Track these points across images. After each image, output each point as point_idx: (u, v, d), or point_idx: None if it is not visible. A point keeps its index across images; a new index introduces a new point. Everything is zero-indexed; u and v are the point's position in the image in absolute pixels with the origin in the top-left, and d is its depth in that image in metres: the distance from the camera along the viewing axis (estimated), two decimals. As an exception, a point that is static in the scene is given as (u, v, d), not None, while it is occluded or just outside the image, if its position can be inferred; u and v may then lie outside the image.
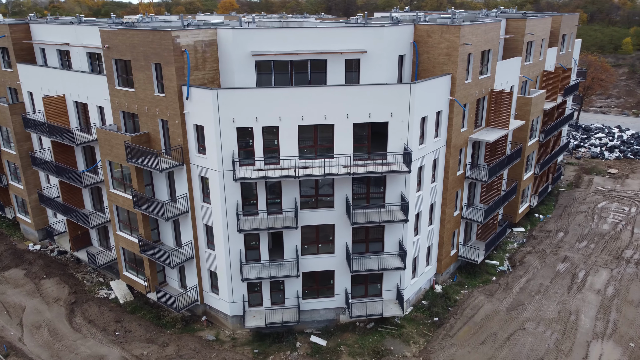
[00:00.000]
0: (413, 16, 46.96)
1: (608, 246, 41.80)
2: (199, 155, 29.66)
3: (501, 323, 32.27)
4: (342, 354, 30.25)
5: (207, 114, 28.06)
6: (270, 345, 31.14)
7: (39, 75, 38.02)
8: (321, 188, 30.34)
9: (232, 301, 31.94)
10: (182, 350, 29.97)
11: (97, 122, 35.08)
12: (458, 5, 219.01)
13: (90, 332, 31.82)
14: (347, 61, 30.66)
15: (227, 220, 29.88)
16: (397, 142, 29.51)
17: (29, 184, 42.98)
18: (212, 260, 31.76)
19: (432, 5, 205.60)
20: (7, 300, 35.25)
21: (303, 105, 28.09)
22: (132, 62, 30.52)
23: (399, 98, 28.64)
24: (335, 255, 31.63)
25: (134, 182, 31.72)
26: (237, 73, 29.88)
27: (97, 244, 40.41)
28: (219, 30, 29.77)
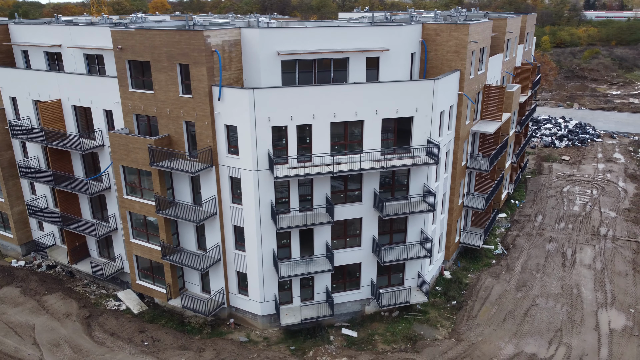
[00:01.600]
0: (381, 16, 48.96)
1: (584, 225, 45.74)
2: (230, 156, 29.43)
3: (514, 301, 34.62)
4: (376, 342, 31.21)
5: (242, 114, 27.95)
6: (304, 341, 31.48)
7: (27, 80, 35.72)
8: (350, 183, 31.10)
9: (264, 301, 31.93)
10: (221, 354, 29.62)
11: (102, 126, 33.63)
12: (388, 6, 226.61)
13: (116, 345, 30.58)
14: (367, 59, 31.61)
15: (261, 220, 29.89)
16: (421, 135, 30.86)
17: (11, 196, 40.23)
18: (241, 262, 31.56)
19: (365, 5, 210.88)
20: (11, 320, 32.97)
21: (335, 102, 28.72)
22: (151, 63, 29.67)
23: (424, 93, 30.00)
24: (363, 248, 32.51)
25: (155, 186, 30.85)
26: (263, 72, 29.93)
27: (96, 255, 38.62)
28: (244, 30, 29.68)
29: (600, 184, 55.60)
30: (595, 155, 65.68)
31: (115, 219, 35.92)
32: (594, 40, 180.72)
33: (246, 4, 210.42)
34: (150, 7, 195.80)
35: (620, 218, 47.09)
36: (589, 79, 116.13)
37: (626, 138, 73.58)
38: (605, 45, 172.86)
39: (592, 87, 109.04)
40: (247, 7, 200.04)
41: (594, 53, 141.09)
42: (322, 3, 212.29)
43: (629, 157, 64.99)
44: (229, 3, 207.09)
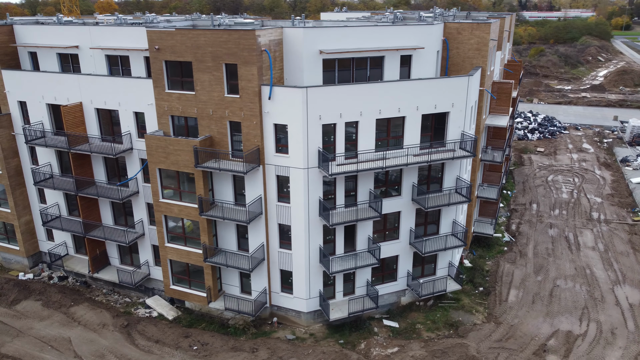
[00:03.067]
0: (367, 16, 50.46)
1: (576, 211, 48.93)
2: (278, 155, 29.55)
3: (536, 284, 36.73)
4: (420, 331, 32.28)
5: (294, 112, 28.18)
6: (349, 334, 32.06)
7: (41, 82, 34.16)
8: (390, 178, 31.97)
9: (309, 297, 32.23)
10: (276, 352, 29.69)
11: (132, 129, 32.74)
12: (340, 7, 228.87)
13: (164, 351, 29.95)
14: (401, 57, 32.60)
15: (309, 217, 30.20)
16: (455, 130, 32.18)
17: (18, 206, 38.26)
18: (286, 260, 31.70)
19: (316, 6, 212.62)
20: (42, 335, 31.49)
21: (381, 99, 29.50)
22: (193, 63, 29.31)
23: (459, 89, 31.33)
24: (400, 240, 33.47)
25: (198, 188, 30.46)
26: (305, 71, 30.24)
27: (117, 263, 37.43)
28: (286, 29, 29.89)
29: (580, 172, 59.47)
30: (567, 146, 70.01)
31: (143, 225, 35.00)
32: (534, 39, 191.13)
33: (196, 4, 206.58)
34: (96, 7, 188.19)
35: (607, 203, 50.69)
36: (540, 75, 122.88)
37: (589, 129, 78.80)
38: (545, 43, 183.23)
39: (545, 83, 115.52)
40: (198, 8, 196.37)
41: (540, 51, 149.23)
42: (274, 4, 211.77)
43: (597, 147, 69.74)
44: (179, 4, 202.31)
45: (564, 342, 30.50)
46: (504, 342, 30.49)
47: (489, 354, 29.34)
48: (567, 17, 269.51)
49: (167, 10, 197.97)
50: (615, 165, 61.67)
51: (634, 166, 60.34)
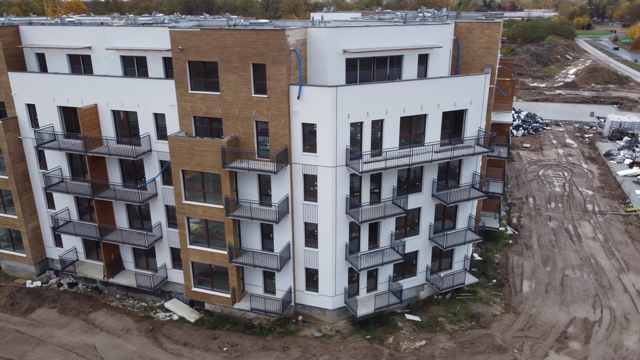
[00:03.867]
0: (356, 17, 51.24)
1: (571, 204, 50.75)
2: (305, 154, 29.75)
3: (547, 275, 38.02)
4: (443, 323, 33.01)
5: (323, 111, 28.45)
6: (375, 329, 32.52)
7: (52, 84, 33.37)
8: (412, 174, 32.57)
9: (334, 294, 32.53)
10: (307, 350, 29.88)
11: (151, 131, 32.34)
12: (312, 7, 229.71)
13: (194, 354, 29.73)
14: (419, 56, 33.23)
15: (337, 215, 30.50)
16: (473, 126, 33.04)
17: (25, 211, 37.23)
18: (312, 258, 31.92)
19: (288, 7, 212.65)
20: (65, 342, 30.79)
21: (405, 97, 30.08)
22: (219, 63, 29.22)
23: (477, 86, 32.19)
24: (420, 236, 34.13)
25: (225, 189, 30.38)
26: (329, 71, 30.52)
27: (132, 267, 36.85)
28: (310, 29, 30.09)
29: (568, 167, 61.62)
30: (551, 142, 72.36)
31: (161, 227, 34.60)
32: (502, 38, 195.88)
33: (167, 4, 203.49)
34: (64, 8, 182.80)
35: (598, 195, 52.75)
36: (515, 73, 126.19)
37: (569, 125, 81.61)
38: (513, 42, 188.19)
39: (521, 80, 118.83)
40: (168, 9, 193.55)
41: (512, 50, 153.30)
42: (246, 4, 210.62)
43: (579, 142, 72.34)
44: (151, 4, 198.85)
45: (582, 328, 31.74)
46: (527, 331, 31.51)
47: (515, 343, 30.28)
48: (530, 17, 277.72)
49: (137, 10, 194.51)
50: (600, 159, 64.14)
51: (618, 160, 62.89)
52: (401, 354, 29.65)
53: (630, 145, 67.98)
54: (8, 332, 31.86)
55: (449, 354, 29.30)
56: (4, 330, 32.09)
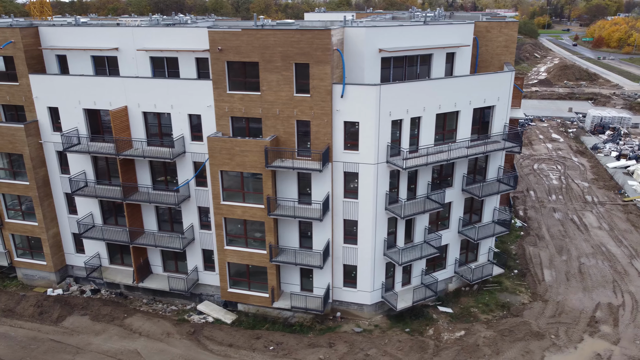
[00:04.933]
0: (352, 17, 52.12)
1: (571, 196, 52.87)
2: (347, 152, 30.17)
3: (564, 263, 39.61)
4: (476, 314, 34.01)
5: (366, 109, 28.94)
6: (411, 322, 33.21)
7: (78, 87, 32.65)
8: (444, 170, 33.44)
9: (373, 290, 33.04)
10: (354, 345, 30.29)
11: (186, 132, 32.08)
12: (283, 8, 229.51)
13: (241, 354, 29.69)
14: (447, 54, 34.12)
15: (377, 211, 31.03)
16: (499, 122, 34.21)
17: (46, 218, 36.24)
18: (351, 255, 32.35)
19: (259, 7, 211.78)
20: (105, 349, 30.20)
21: (441, 95, 30.91)
22: (260, 63, 29.31)
23: (504, 84, 33.36)
24: (450, 230, 35.06)
25: (267, 188, 30.48)
26: (366, 69, 31.03)
27: (161, 271, 36.41)
28: (348, 29, 30.51)
29: (560, 160, 64.07)
30: (538, 137, 74.95)
31: (193, 230, 34.33)
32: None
33: (135, 4, 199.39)
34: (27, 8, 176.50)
35: (594, 187, 55.13)
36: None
37: (552, 121, 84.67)
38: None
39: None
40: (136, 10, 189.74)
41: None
42: (218, 4, 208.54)
43: (565, 137, 75.22)
44: (119, 5, 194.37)
45: (609, 313, 33.31)
46: (558, 317, 32.84)
47: (550, 329, 31.54)
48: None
49: (105, 11, 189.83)
50: (588, 153, 66.94)
51: (605, 152, 65.78)
52: (444, 344, 30.44)
53: (613, 138, 71.17)
54: (42, 341, 31.01)
55: (491, 342, 30.28)
56: (37, 340, 31.21)
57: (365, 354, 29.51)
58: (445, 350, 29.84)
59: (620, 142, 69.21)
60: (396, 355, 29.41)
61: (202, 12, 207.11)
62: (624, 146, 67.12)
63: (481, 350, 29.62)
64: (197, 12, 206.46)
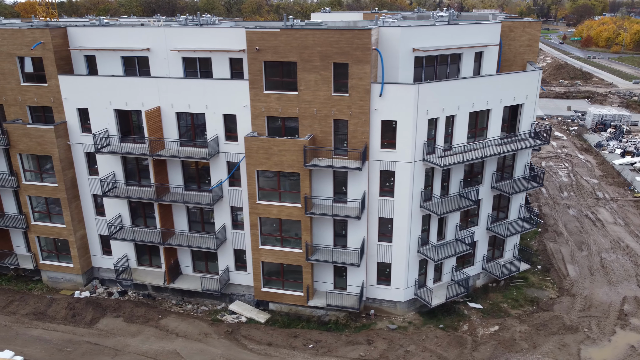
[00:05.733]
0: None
1: (582, 192, 53.77)
2: (383, 150, 30.47)
3: (586, 259, 40.33)
4: (507, 309, 34.51)
5: (405, 108, 29.27)
6: (444, 318, 33.60)
7: (108, 88, 32.54)
8: (474, 168, 33.90)
9: (407, 287, 33.38)
10: (392, 341, 30.58)
11: (220, 133, 32.12)
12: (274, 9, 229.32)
13: (281, 353, 29.80)
14: (475, 54, 34.59)
15: (412, 209, 31.38)
16: (527, 120, 34.77)
17: (74, 220, 35.99)
18: (385, 252, 32.65)
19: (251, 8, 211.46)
20: (144, 350, 30.12)
21: (474, 93, 31.35)
22: (299, 63, 29.48)
23: (533, 82, 33.92)
24: (479, 226, 35.53)
25: (304, 187, 30.67)
26: (401, 68, 31.34)
27: (190, 272, 36.36)
28: (382, 29, 30.79)
29: (566, 158, 65.08)
30: (542, 135, 75.87)
31: (225, 230, 34.36)
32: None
33: (125, 5, 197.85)
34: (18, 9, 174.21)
35: (604, 183, 56.13)
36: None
37: (553, 119, 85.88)
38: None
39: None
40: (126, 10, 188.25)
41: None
42: (209, 5, 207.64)
43: (568, 135, 76.37)
44: (111, 5, 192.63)
45: (636, 306, 34.03)
46: (588, 311, 33.47)
47: (582, 323, 32.15)
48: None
49: (96, 12, 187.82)
50: (593, 150, 68.08)
51: (609, 150, 66.96)
52: (481, 339, 30.88)
53: (616, 136, 72.46)
54: (79, 344, 30.82)
55: (527, 336, 30.78)
56: (73, 342, 31.02)
57: (405, 350, 29.83)
58: (483, 345, 30.27)
59: (623, 140, 70.48)
60: (435, 350, 29.76)
61: (194, 12, 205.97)
62: (627, 143, 68.38)
63: (518, 345, 30.10)
64: (189, 12, 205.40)
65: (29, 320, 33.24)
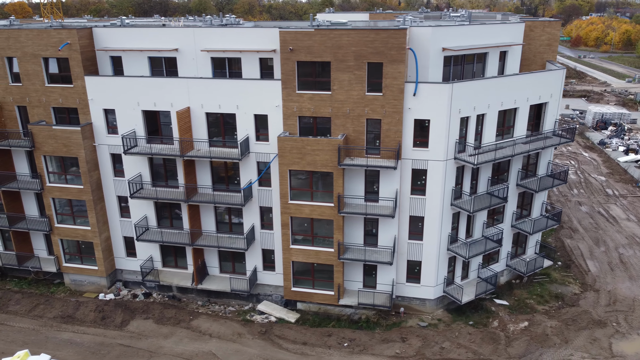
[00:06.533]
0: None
1: (592, 190, 54.58)
2: (416, 149, 30.70)
3: (604, 254, 40.97)
4: (533, 305, 34.95)
5: (438, 107, 29.53)
6: (472, 315, 33.94)
7: (136, 88, 32.37)
8: (501, 167, 34.29)
9: (436, 284, 33.65)
10: (427, 338, 30.82)
11: (251, 133, 32.10)
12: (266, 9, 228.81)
13: (319, 352, 29.90)
14: (500, 53, 34.98)
15: (444, 207, 31.65)
16: (551, 119, 35.26)
17: (99, 222, 35.70)
18: (415, 250, 32.89)
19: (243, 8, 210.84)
20: (179, 352, 29.99)
21: (504, 92, 31.75)
22: (332, 63, 29.59)
23: (557, 80, 34.42)
24: (504, 224, 35.93)
25: (337, 186, 30.79)
26: (431, 68, 31.59)
27: (217, 272, 36.28)
28: (413, 28, 31.01)
29: (571, 156, 65.97)
30: (544, 133, 76.82)
31: (253, 230, 34.34)
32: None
33: (116, 5, 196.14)
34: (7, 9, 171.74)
35: (611, 180, 57.03)
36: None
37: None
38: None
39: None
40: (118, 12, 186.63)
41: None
42: (201, 6, 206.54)
43: (570, 133, 77.29)
44: (102, 6, 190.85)
45: (659, 300, 34.74)
46: (614, 306, 34.03)
47: (610, 317, 32.68)
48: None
49: (86, 12, 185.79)
50: (597, 148, 69.11)
51: (613, 147, 68.01)
52: (513, 335, 31.25)
53: (617, 134, 73.60)
54: (112, 346, 30.61)
55: (558, 331, 31.22)
56: (105, 345, 30.79)
57: (440, 347, 30.09)
58: (516, 340, 30.65)
59: (625, 137, 71.61)
60: (470, 347, 30.07)
61: (186, 13, 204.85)
62: (630, 141, 69.50)
63: (551, 340, 30.52)
64: (181, 13, 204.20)
65: (57, 324, 32.93)
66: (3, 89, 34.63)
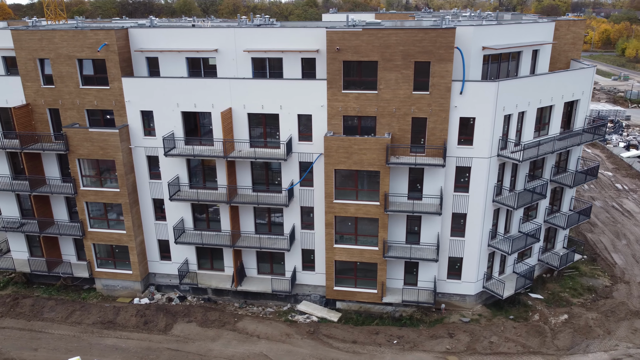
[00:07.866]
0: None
1: (602, 185, 55.89)
2: (460, 147, 31.09)
3: (627, 247, 42.03)
4: (568, 298, 35.68)
5: (484, 105, 29.98)
6: (511, 309, 34.48)
7: (176, 90, 32.07)
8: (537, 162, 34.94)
9: (477, 280, 34.09)
10: (475, 334, 31.21)
11: (294, 132, 32.08)
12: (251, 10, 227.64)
13: (370, 349, 30.02)
14: (532, 52, 35.63)
15: (486, 203, 32.11)
16: (582, 116, 36.09)
17: (134, 225, 35.21)
18: (457, 247, 33.29)
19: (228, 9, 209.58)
20: (230, 354, 29.78)
21: (542, 90, 32.38)
22: (379, 62, 29.78)
23: (588, 78, 35.24)
24: (538, 219, 36.60)
25: (384, 185, 31.02)
26: (471, 67, 32.01)
27: (255, 274, 36.11)
28: (457, 27, 31.39)
29: (575, 152, 67.32)
30: (545, 131, 78.33)
31: (294, 230, 34.29)
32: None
33: (100, 7, 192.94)
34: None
35: (618, 175, 58.50)
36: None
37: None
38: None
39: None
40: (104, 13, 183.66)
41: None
42: (186, 6, 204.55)
43: (569, 130, 78.98)
44: (85, 7, 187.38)
45: (688, 290, 35.84)
46: (646, 297, 35.03)
47: (645, 308, 33.62)
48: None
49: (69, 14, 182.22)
50: (598, 145, 70.73)
51: (613, 144, 69.75)
52: (556, 327, 31.86)
53: (616, 130, 75.49)
54: (159, 351, 30.23)
55: (600, 323, 31.97)
56: (153, 349, 30.39)
57: (489, 341, 30.52)
58: (560, 333, 31.28)
59: (623, 134, 73.49)
60: (518, 340, 30.57)
61: (170, 14, 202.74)
62: (629, 137, 71.36)
63: (594, 331, 31.24)
64: (166, 14, 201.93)
65: (99, 330, 32.36)
66: (34, 91, 33.89)
